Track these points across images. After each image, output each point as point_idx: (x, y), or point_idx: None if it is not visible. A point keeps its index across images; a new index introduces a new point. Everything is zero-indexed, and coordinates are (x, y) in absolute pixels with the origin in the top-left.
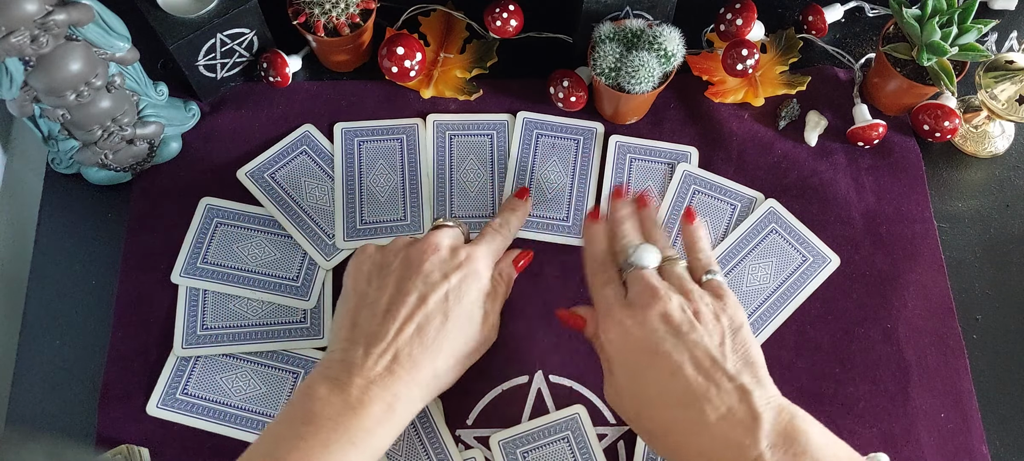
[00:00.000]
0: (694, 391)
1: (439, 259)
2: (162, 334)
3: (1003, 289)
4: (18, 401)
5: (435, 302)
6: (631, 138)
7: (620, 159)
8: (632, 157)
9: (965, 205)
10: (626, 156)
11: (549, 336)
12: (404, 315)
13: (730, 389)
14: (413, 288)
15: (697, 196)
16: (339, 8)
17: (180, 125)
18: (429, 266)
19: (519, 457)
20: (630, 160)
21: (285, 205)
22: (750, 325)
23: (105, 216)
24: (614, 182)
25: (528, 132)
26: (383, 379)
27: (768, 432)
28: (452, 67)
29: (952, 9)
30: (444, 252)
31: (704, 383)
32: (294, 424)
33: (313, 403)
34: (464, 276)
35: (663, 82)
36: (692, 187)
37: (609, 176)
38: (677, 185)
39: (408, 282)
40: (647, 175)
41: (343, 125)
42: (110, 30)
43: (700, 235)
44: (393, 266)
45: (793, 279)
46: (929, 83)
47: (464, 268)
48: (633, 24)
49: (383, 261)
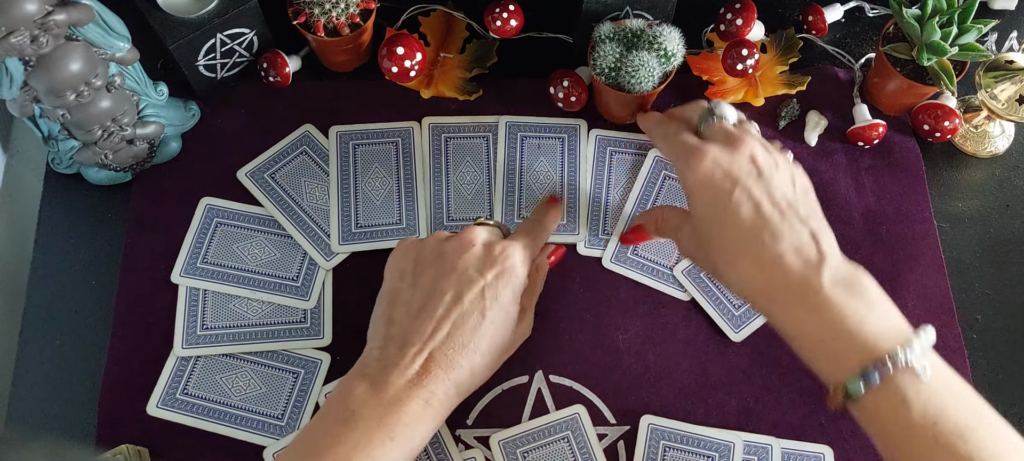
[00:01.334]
0: (771, 224)
1: (475, 255)
2: (162, 334)
3: (1003, 289)
4: (18, 401)
5: (471, 300)
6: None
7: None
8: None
9: (965, 205)
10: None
11: (549, 336)
12: (440, 314)
13: (802, 229)
14: (449, 286)
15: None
16: (339, 8)
17: (180, 125)
18: (464, 263)
19: (519, 457)
20: (656, 162)
21: (285, 205)
22: (746, 312)
23: (105, 216)
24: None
25: (512, 135)
26: (420, 378)
27: (834, 270)
28: (452, 67)
29: (952, 9)
30: (479, 248)
31: (780, 219)
32: (333, 421)
33: (351, 401)
34: (500, 272)
35: (663, 81)
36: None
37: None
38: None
39: (444, 279)
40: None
41: (338, 128)
42: (110, 30)
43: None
44: (429, 261)
45: None
46: (929, 83)
47: (500, 264)
48: (633, 24)
49: (418, 256)
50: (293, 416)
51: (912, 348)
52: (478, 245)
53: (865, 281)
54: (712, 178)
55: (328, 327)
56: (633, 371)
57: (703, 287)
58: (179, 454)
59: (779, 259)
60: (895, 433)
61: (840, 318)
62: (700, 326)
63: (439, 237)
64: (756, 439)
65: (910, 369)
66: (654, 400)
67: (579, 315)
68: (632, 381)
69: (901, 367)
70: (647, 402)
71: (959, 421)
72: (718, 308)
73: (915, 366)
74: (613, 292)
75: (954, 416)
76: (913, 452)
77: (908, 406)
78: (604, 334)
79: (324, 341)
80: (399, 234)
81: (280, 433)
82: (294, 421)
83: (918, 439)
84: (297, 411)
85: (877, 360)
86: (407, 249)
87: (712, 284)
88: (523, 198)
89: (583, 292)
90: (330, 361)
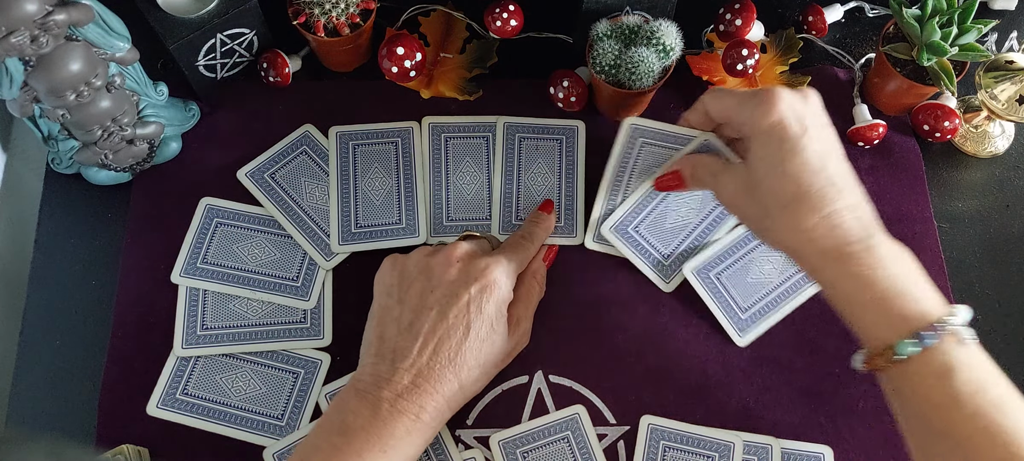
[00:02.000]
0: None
1: (458, 270)
2: (162, 334)
3: (1003, 289)
4: (18, 401)
5: (455, 315)
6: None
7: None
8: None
9: (965, 205)
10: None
11: (549, 336)
12: (426, 330)
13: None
14: (434, 301)
15: (703, 193)
16: (339, 8)
17: (180, 125)
18: (449, 277)
19: (519, 457)
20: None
21: (285, 205)
22: (751, 316)
23: (105, 216)
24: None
25: (510, 137)
26: (409, 393)
27: (883, 237)
28: (452, 67)
29: (952, 9)
30: (462, 263)
31: (844, 176)
32: (329, 435)
33: (346, 415)
34: (483, 287)
35: (662, 77)
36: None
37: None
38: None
39: (429, 295)
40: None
41: (338, 129)
42: (110, 30)
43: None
44: (415, 277)
45: (796, 277)
46: (929, 83)
47: (482, 279)
48: (630, 20)
49: (404, 271)
50: (293, 416)
51: (958, 317)
52: (462, 260)
53: (909, 254)
54: (785, 119)
55: (328, 327)
56: (633, 371)
57: (713, 289)
58: (179, 454)
59: (838, 215)
60: (937, 400)
61: (894, 279)
62: (700, 326)
63: (424, 252)
64: (756, 439)
65: (959, 336)
66: (654, 400)
67: (579, 315)
68: (632, 381)
69: (949, 333)
70: (647, 402)
71: (1000, 394)
72: (726, 311)
73: (963, 334)
74: (613, 291)
75: (994, 389)
76: (952, 420)
77: (954, 373)
78: (604, 334)
79: (324, 341)
80: (399, 234)
81: (280, 433)
82: (294, 421)
83: (959, 408)
84: (297, 411)
85: (930, 324)
86: (393, 265)
87: (722, 287)
88: (521, 200)
89: (583, 292)
90: (330, 361)
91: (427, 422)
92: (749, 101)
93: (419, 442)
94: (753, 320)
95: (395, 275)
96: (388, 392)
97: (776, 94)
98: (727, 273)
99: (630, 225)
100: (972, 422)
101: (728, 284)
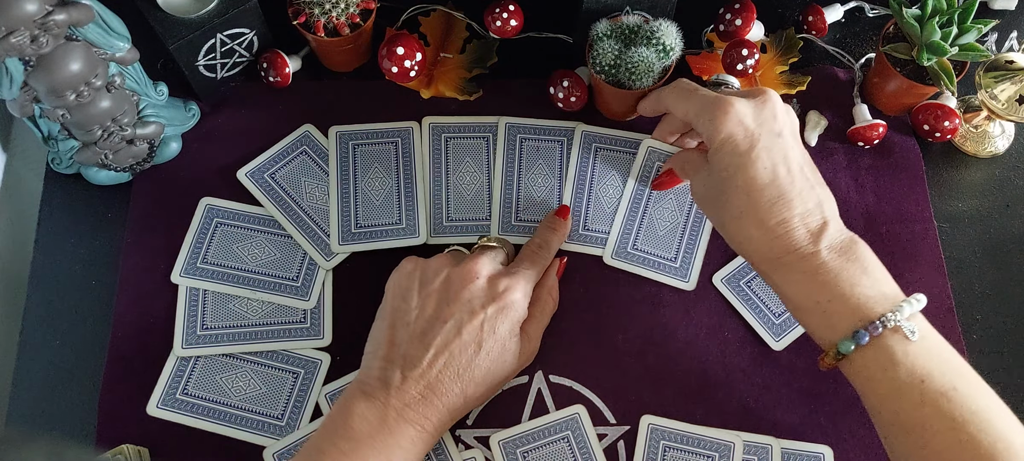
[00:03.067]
0: (784, 191)
1: (478, 288)
2: (162, 334)
3: (1003, 289)
4: (18, 401)
5: (470, 333)
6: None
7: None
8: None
9: (965, 205)
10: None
11: (549, 336)
12: (440, 342)
13: (810, 196)
14: (450, 315)
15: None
16: (339, 8)
17: (180, 125)
18: (468, 293)
19: (519, 457)
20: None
21: (285, 205)
22: (785, 320)
23: (105, 216)
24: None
25: (512, 137)
26: (417, 404)
27: (832, 237)
28: (452, 67)
29: (952, 9)
30: (483, 282)
31: (791, 186)
32: (334, 438)
33: (352, 419)
34: (500, 308)
35: (662, 76)
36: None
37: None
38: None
39: (446, 308)
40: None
41: (337, 128)
42: (110, 30)
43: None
44: (433, 286)
45: None
46: (929, 83)
47: (501, 300)
48: (629, 20)
49: (423, 279)
50: (293, 416)
51: (902, 311)
52: (482, 278)
53: (860, 248)
54: (733, 135)
55: (328, 327)
56: (633, 371)
57: (743, 296)
58: (179, 454)
59: (785, 224)
60: (883, 392)
61: (834, 282)
62: (700, 326)
63: (445, 260)
64: (756, 439)
65: (899, 331)
66: (654, 400)
67: (579, 315)
68: (632, 381)
69: (890, 329)
70: (647, 402)
71: (945, 382)
72: (758, 316)
73: (904, 328)
74: (613, 291)
75: (940, 377)
76: (900, 410)
77: (896, 366)
78: (604, 334)
79: (324, 341)
80: (399, 234)
81: (280, 433)
82: (294, 421)
83: (905, 397)
84: (297, 411)
85: (868, 322)
86: (413, 270)
87: (753, 293)
88: (521, 201)
89: (583, 292)
90: (330, 361)
91: (431, 433)
92: (704, 113)
93: (422, 451)
94: (788, 324)
95: (413, 279)
96: (396, 400)
97: (725, 108)
98: (757, 280)
99: (628, 245)
100: (920, 411)
101: (759, 290)
